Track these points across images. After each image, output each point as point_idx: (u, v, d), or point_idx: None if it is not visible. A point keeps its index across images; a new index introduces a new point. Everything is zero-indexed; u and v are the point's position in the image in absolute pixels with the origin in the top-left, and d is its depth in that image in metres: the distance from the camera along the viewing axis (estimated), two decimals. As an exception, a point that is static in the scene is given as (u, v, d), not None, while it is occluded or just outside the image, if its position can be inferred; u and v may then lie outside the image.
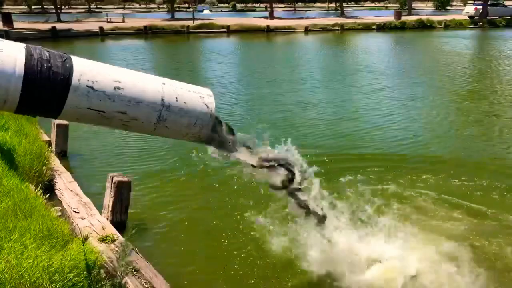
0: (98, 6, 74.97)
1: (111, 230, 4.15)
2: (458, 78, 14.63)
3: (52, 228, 3.29)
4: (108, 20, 38.79)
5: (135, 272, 3.41)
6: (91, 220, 4.33)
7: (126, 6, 79.39)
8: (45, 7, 61.68)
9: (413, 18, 39.74)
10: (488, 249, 4.49)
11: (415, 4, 65.23)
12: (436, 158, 7.14)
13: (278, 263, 4.24)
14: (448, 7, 62.58)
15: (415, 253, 4.29)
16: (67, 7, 65.40)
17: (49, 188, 5.06)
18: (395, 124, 9.19)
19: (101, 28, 31.37)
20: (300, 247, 4.36)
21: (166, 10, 62.32)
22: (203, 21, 37.83)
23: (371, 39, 29.25)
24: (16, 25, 32.63)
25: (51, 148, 6.67)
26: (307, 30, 34.55)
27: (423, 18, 39.54)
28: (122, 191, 4.67)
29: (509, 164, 6.89)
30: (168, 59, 21.34)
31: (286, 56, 21.88)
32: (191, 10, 45.37)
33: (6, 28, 29.46)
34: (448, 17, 42.07)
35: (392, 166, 6.73)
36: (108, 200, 4.70)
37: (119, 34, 31.68)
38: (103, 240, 3.92)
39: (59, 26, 32.29)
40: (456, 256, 4.29)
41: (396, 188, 5.85)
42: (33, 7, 65.84)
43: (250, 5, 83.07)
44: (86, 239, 3.10)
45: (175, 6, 54.68)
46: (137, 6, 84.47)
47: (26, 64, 2.39)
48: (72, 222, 4.27)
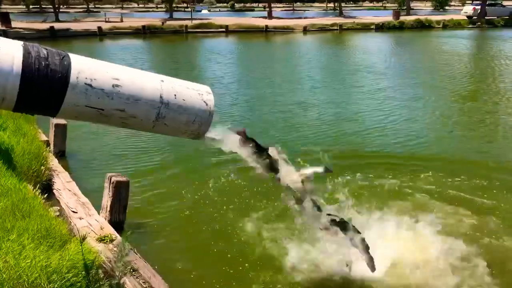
0: (96, 6, 74.96)
1: (109, 230, 4.13)
2: (458, 78, 14.64)
3: (50, 228, 3.28)
4: (107, 20, 38.76)
5: (133, 272, 3.39)
6: (89, 220, 4.31)
7: (125, 6, 79.38)
8: (43, 6, 61.61)
9: (411, 18, 39.82)
10: (490, 246, 4.49)
11: (413, 4, 65.32)
12: (437, 158, 7.14)
13: (279, 263, 4.22)
14: (446, 7, 62.73)
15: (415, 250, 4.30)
16: (65, 6, 65.41)
17: (47, 188, 5.05)
18: (396, 124, 9.17)
19: (99, 27, 31.35)
20: (302, 245, 4.35)
21: (165, 9, 62.29)
22: (201, 21, 37.81)
23: (369, 39, 29.28)
24: (14, 24, 32.57)
25: (49, 148, 6.65)
26: (306, 30, 34.57)
27: (422, 18, 39.62)
28: (121, 191, 4.64)
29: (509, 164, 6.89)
30: (168, 59, 21.32)
31: (286, 56, 21.88)
32: (189, 9, 45.32)
33: (4, 28, 29.42)
34: (447, 17, 42.17)
35: (395, 165, 6.74)
36: (107, 200, 4.68)
37: (117, 34, 31.66)
38: (101, 240, 3.90)
39: (57, 25, 32.27)
40: (458, 253, 4.30)
41: (397, 187, 5.87)
42: (31, 6, 65.77)
43: (248, 4, 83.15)
44: (84, 239, 3.08)
45: (174, 5, 54.59)
46: (135, 5, 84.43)
47: (23, 62, 2.36)
48: (70, 222, 4.26)
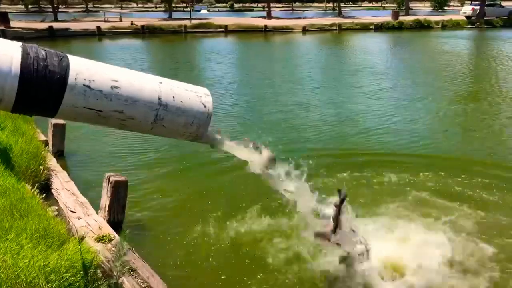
0: (95, 6, 74.84)
1: (108, 230, 4.14)
2: (458, 78, 14.65)
3: (49, 227, 3.29)
4: (106, 19, 38.72)
5: (132, 272, 3.40)
6: (87, 220, 4.31)
7: (124, 6, 79.29)
8: (42, 6, 61.50)
9: (410, 18, 39.82)
10: (490, 244, 4.51)
11: (412, 4, 65.31)
12: (438, 158, 7.18)
13: (278, 263, 4.22)
14: (445, 7, 62.75)
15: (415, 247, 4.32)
16: (64, 6, 65.26)
17: (45, 188, 5.05)
18: (397, 124, 9.19)
19: (98, 27, 31.32)
20: (303, 247, 4.36)
21: (164, 9, 62.23)
22: (200, 20, 37.77)
23: (369, 39, 29.28)
24: (12, 24, 32.52)
25: (48, 147, 6.65)
26: (305, 30, 34.57)
27: (421, 18, 39.63)
28: (119, 190, 4.65)
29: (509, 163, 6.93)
30: (167, 58, 21.29)
31: (285, 56, 21.88)
32: (188, 9, 45.28)
33: (2, 27, 29.35)
34: (446, 17, 42.18)
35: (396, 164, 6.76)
36: (105, 199, 4.69)
37: (116, 33, 31.63)
38: (99, 240, 3.91)
39: (56, 25, 32.23)
40: (459, 251, 4.33)
41: (398, 186, 5.92)
42: (30, 6, 65.65)
43: (247, 4, 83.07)
44: (82, 238, 3.09)
45: (173, 5, 54.55)
46: (134, 5, 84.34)
47: (22, 62, 2.37)
48: (69, 222, 4.26)
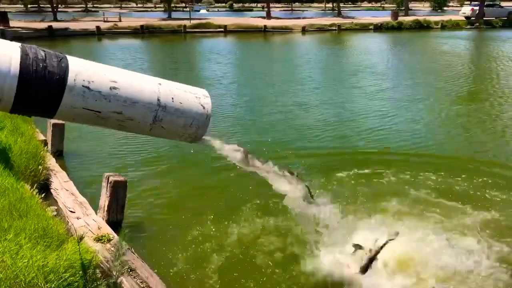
0: (94, 6, 74.77)
1: (107, 230, 4.14)
2: (460, 79, 14.65)
3: (48, 227, 3.29)
4: (105, 19, 38.70)
5: (130, 272, 3.40)
6: (86, 220, 4.31)
7: (123, 6, 79.22)
8: (41, 6, 61.46)
9: (410, 19, 39.82)
10: (491, 244, 4.54)
11: (412, 5, 65.38)
12: (440, 158, 7.21)
13: (277, 263, 4.24)
14: (444, 8, 62.78)
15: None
16: (63, 6, 65.21)
17: (44, 188, 5.05)
18: (397, 125, 9.20)
19: (97, 27, 31.30)
20: (303, 248, 4.38)
21: (163, 9, 62.17)
22: (200, 20, 37.76)
23: (368, 39, 29.29)
24: (12, 24, 32.49)
25: (47, 147, 6.66)
26: (304, 30, 34.55)
27: (420, 18, 39.64)
28: (118, 190, 4.65)
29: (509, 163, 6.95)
30: (167, 58, 21.27)
31: (285, 56, 21.88)
32: (188, 9, 45.26)
33: (2, 27, 29.31)
34: (445, 17, 42.18)
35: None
36: (104, 199, 4.69)
37: (115, 33, 31.61)
38: (98, 239, 3.91)
39: (56, 25, 32.19)
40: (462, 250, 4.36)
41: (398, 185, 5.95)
42: (29, 6, 65.57)
43: (247, 4, 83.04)
44: (81, 238, 3.09)
45: (172, 5, 54.52)
46: (134, 5, 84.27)
47: (21, 63, 2.38)
48: (68, 222, 4.27)
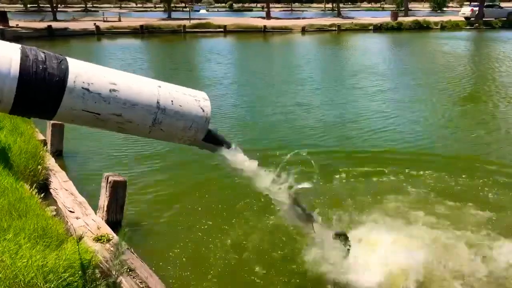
0: (94, 5, 74.71)
1: (106, 230, 4.15)
2: (462, 79, 14.65)
3: (47, 227, 3.30)
4: (105, 19, 38.68)
5: (130, 272, 3.41)
6: (86, 220, 4.33)
7: (123, 5, 79.16)
8: (41, 5, 61.37)
9: (409, 19, 39.84)
10: (491, 244, 4.54)
11: (411, 5, 65.41)
12: (439, 158, 7.23)
13: (277, 264, 4.25)
14: (444, 8, 62.83)
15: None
16: (63, 5, 65.16)
17: (44, 188, 5.06)
18: (397, 125, 9.21)
19: (97, 27, 31.28)
20: (304, 248, 4.38)
21: (163, 9, 62.14)
22: (199, 20, 37.75)
23: (368, 39, 29.30)
24: (11, 23, 32.42)
25: (47, 147, 6.67)
26: (304, 31, 34.56)
27: (420, 19, 39.66)
28: (118, 190, 4.66)
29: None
30: (167, 58, 21.23)
31: (285, 56, 21.89)
32: (187, 9, 45.26)
33: (1, 27, 29.28)
34: (445, 18, 42.21)
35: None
36: (104, 199, 4.70)
37: (115, 33, 31.60)
38: (98, 239, 3.93)
39: (55, 25, 32.15)
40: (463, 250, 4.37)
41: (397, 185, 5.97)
42: (28, 5, 65.49)
43: (247, 5, 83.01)
44: (80, 238, 3.11)
45: (172, 5, 54.49)
46: (133, 5, 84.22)
47: (21, 65, 2.39)
48: (67, 222, 4.28)
